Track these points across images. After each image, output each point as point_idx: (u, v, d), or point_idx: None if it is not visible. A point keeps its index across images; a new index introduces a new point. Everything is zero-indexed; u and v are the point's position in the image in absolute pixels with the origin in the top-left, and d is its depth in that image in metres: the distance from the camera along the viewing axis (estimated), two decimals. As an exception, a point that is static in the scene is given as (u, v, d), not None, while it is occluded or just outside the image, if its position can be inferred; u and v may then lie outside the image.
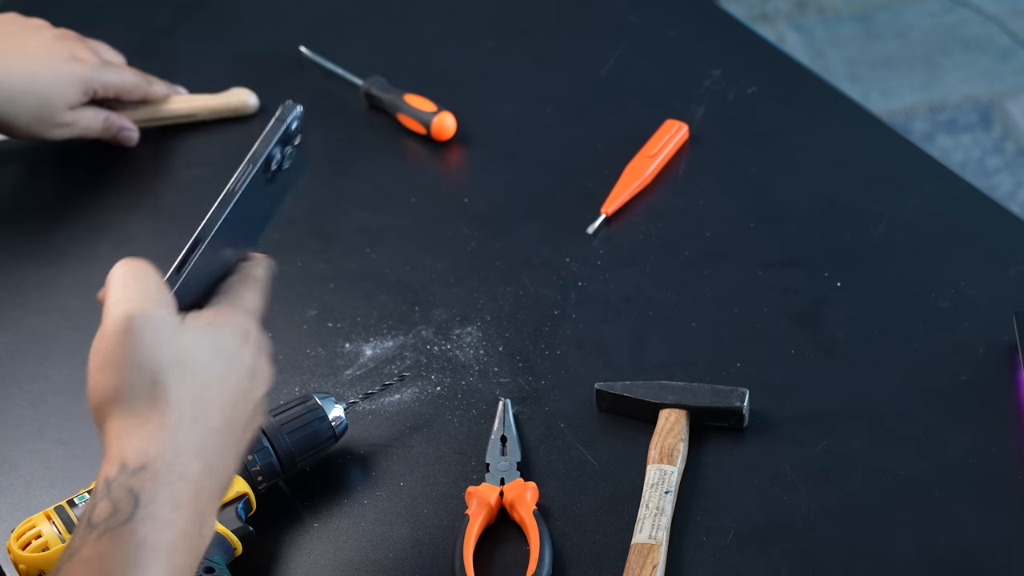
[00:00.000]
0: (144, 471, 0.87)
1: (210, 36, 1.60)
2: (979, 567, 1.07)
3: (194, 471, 0.88)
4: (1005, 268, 1.29)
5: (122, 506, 0.86)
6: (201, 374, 0.90)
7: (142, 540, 0.85)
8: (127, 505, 0.86)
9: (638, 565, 1.06)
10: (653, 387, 1.17)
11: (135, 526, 0.85)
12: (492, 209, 1.38)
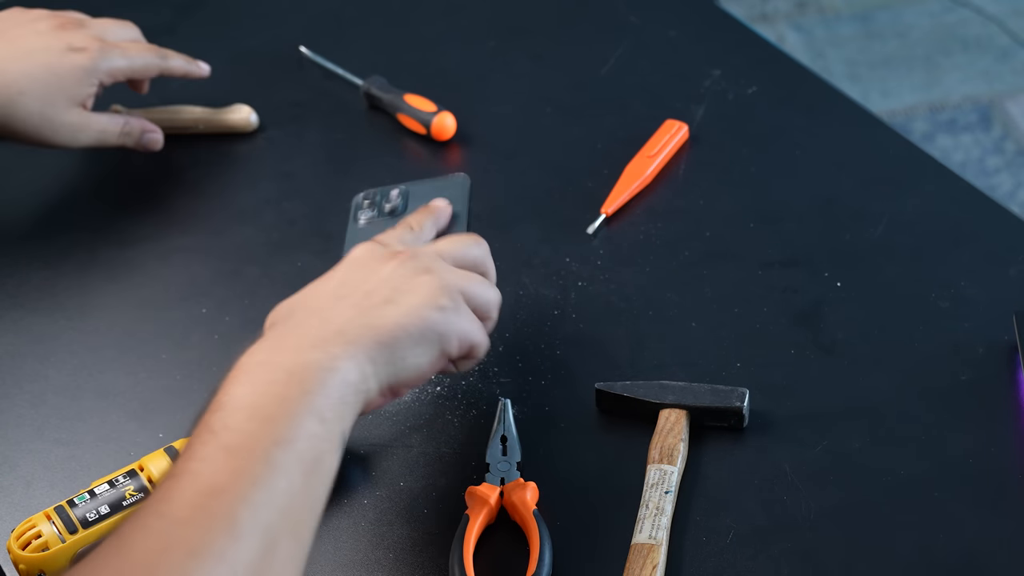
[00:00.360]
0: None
1: (210, 36, 1.60)
2: (979, 567, 1.07)
3: (279, 330, 1.02)
4: (1005, 268, 1.29)
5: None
6: (306, 291, 1.06)
7: (230, 376, 0.97)
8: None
9: (638, 565, 1.06)
10: (653, 387, 1.17)
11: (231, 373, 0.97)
12: (492, 209, 1.38)
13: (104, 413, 1.20)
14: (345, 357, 0.98)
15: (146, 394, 1.22)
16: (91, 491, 1.07)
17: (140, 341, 1.26)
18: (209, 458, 0.90)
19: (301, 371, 0.96)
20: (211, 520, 0.87)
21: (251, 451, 0.91)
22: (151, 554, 0.85)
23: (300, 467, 0.92)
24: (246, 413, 0.93)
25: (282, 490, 0.90)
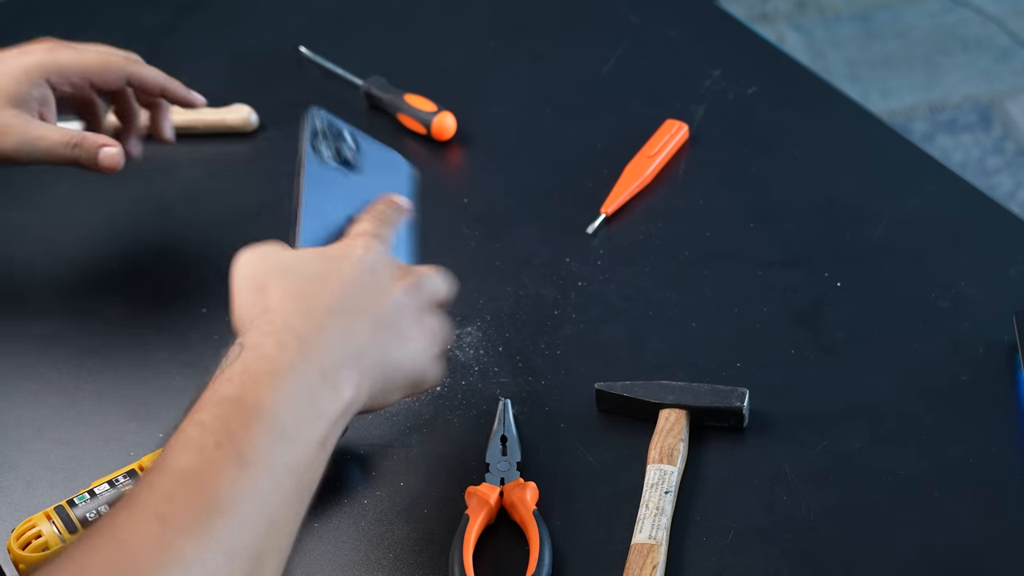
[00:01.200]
0: (248, 332, 0.99)
1: (210, 36, 1.60)
2: (979, 567, 1.07)
3: (297, 324, 0.99)
4: (1005, 268, 1.29)
5: (232, 353, 0.98)
6: (302, 275, 1.03)
7: (246, 366, 0.96)
8: (235, 352, 0.98)
9: (638, 565, 1.06)
10: (653, 387, 1.17)
11: (242, 359, 0.97)
12: (492, 209, 1.38)
13: (104, 413, 1.20)
14: (355, 385, 1.00)
15: (146, 394, 1.22)
16: (91, 491, 1.07)
17: (140, 341, 1.26)
18: (221, 464, 0.91)
19: (321, 393, 0.97)
20: (209, 538, 0.88)
21: (261, 468, 0.92)
22: (146, 548, 0.86)
23: (297, 492, 0.94)
24: (268, 427, 0.93)
25: (278, 509, 0.92)
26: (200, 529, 0.87)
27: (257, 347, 0.98)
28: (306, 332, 0.99)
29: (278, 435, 0.93)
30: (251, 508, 0.90)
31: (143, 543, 0.86)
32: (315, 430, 0.96)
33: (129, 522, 0.87)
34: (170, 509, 0.87)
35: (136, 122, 1.33)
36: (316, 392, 0.97)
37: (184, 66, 1.55)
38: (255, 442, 0.92)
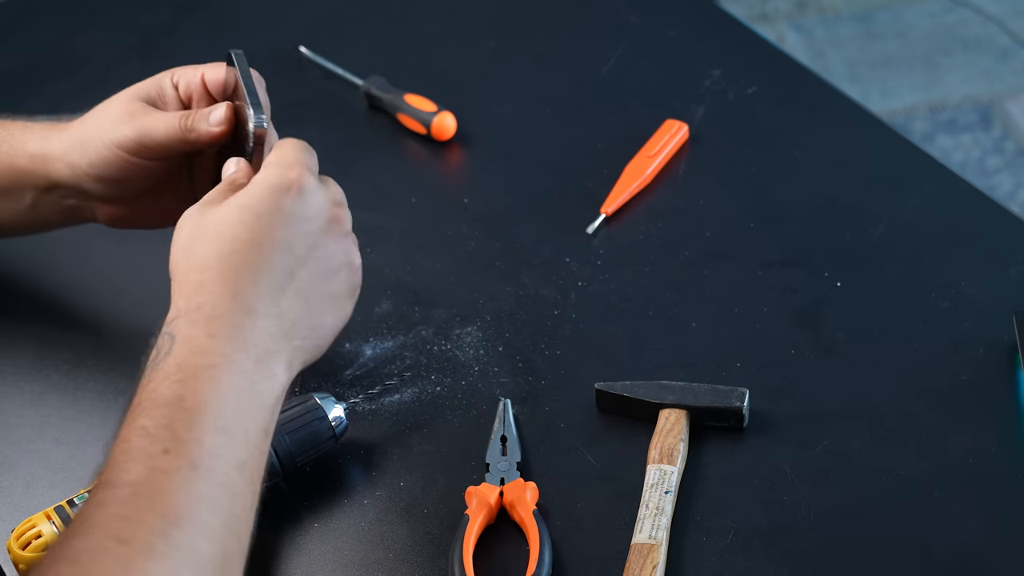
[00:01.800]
0: (177, 319, 0.96)
1: (210, 36, 1.60)
2: (979, 567, 1.07)
3: (227, 308, 0.96)
4: (1005, 268, 1.29)
5: (162, 346, 0.95)
6: (230, 239, 0.98)
7: (181, 363, 0.93)
8: (166, 344, 0.95)
9: (638, 565, 1.06)
10: (653, 387, 1.17)
11: (174, 355, 0.94)
12: (492, 209, 1.38)
13: (104, 413, 1.20)
14: (288, 364, 0.98)
15: (146, 394, 1.21)
16: (91, 491, 1.07)
17: (140, 341, 1.26)
18: (173, 473, 0.88)
19: (259, 382, 0.96)
20: (175, 553, 0.86)
21: (213, 470, 0.90)
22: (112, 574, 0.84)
23: (250, 485, 0.93)
24: (214, 426, 0.91)
25: (234, 510, 0.91)
26: (163, 546, 0.85)
27: (189, 340, 0.95)
28: (236, 318, 0.96)
29: (224, 433, 0.91)
30: (209, 514, 0.88)
31: (107, 568, 0.84)
32: (258, 420, 0.94)
33: (88, 548, 0.84)
34: (128, 529, 0.85)
35: None
36: (254, 381, 0.95)
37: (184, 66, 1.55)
38: (204, 444, 0.90)
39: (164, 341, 0.95)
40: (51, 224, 1.22)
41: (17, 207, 1.19)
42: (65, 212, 1.19)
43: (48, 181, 1.17)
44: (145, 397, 0.92)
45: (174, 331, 0.96)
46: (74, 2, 1.65)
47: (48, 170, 1.16)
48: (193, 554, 0.86)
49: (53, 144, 1.16)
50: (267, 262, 0.98)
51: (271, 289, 0.98)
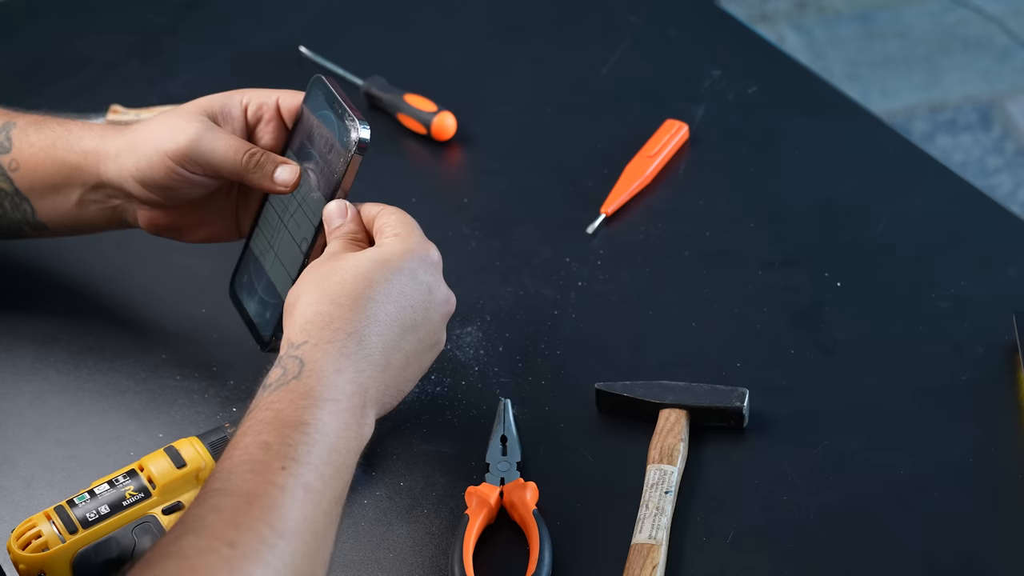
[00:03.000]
0: (306, 344, 1.01)
1: (210, 36, 1.60)
2: (979, 567, 1.07)
3: (354, 350, 1.02)
4: (1005, 268, 1.29)
5: (290, 368, 1.00)
6: (363, 281, 1.04)
7: (309, 389, 0.99)
8: (294, 367, 1.00)
9: (638, 565, 1.06)
10: (653, 387, 1.17)
11: (303, 380, 0.99)
12: (492, 209, 1.38)
13: (104, 413, 1.20)
14: (376, 416, 1.04)
15: (146, 394, 1.22)
16: (91, 491, 1.07)
17: (140, 341, 1.26)
18: (289, 491, 0.93)
19: (362, 425, 1.02)
20: (277, 562, 0.91)
21: (322, 495, 0.95)
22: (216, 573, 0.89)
23: (339, 517, 0.98)
24: (330, 455, 0.97)
25: (329, 536, 0.96)
26: (268, 555, 0.90)
27: (318, 371, 1.00)
28: (359, 362, 1.02)
29: (335, 465, 0.97)
30: (311, 535, 0.93)
31: (213, 568, 0.88)
32: (355, 460, 1.00)
33: (198, 546, 0.89)
34: (239, 535, 0.90)
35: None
36: (361, 424, 1.01)
37: (184, 66, 1.56)
38: (319, 471, 0.95)
39: (293, 364, 1.01)
40: (94, 224, 1.22)
41: (64, 204, 1.20)
42: (108, 213, 1.20)
43: (96, 179, 1.18)
44: (271, 414, 0.98)
45: (303, 356, 1.01)
46: (74, 2, 1.65)
47: (98, 168, 1.17)
48: (292, 569, 0.91)
49: (108, 144, 1.17)
50: (392, 318, 1.04)
51: (390, 344, 1.04)
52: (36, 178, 1.19)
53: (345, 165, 1.11)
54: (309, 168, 1.14)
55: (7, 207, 1.21)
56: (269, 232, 1.18)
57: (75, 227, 1.23)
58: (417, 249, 1.07)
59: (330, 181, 1.12)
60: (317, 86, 1.16)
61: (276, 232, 1.17)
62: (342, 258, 1.06)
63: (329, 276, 1.05)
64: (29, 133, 1.20)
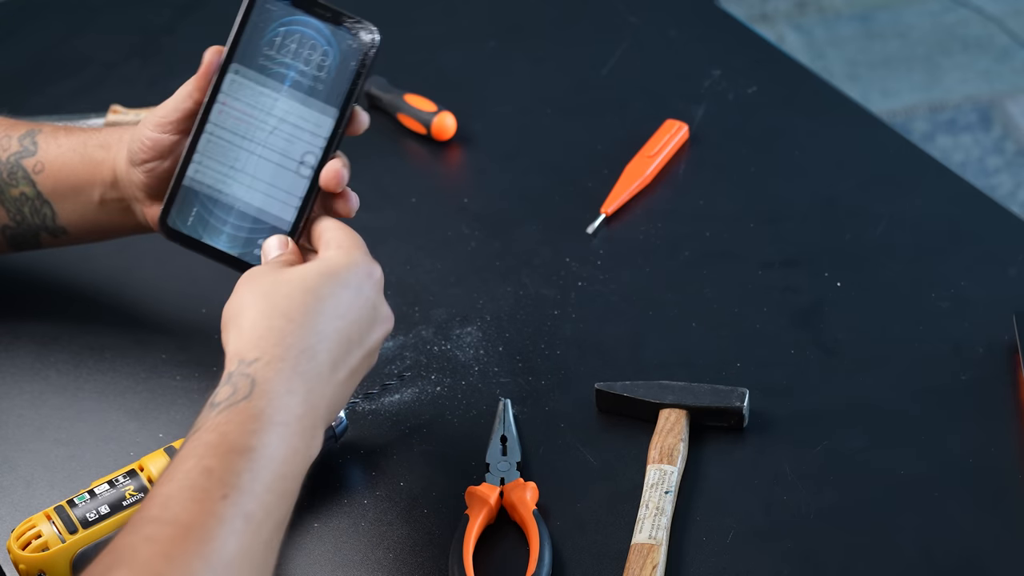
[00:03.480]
0: (258, 361, 0.98)
1: (210, 36, 1.60)
2: (979, 567, 1.07)
3: (306, 368, 0.98)
4: (1005, 268, 1.29)
5: (240, 387, 0.96)
6: (313, 295, 1.01)
7: (259, 412, 0.95)
8: (245, 386, 0.96)
9: (638, 565, 1.06)
10: (653, 387, 1.17)
11: (253, 401, 0.95)
12: (492, 209, 1.38)
13: (104, 413, 1.20)
14: (323, 432, 1.00)
15: (146, 394, 1.22)
16: (91, 491, 1.07)
17: (140, 341, 1.26)
18: (227, 522, 0.90)
19: (310, 447, 0.98)
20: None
21: (262, 526, 0.91)
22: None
23: (278, 544, 0.94)
24: (275, 484, 0.93)
25: (267, 566, 0.92)
26: None
27: (269, 391, 0.96)
28: (311, 381, 0.98)
29: (279, 492, 0.93)
30: (248, 566, 0.90)
31: None
32: (300, 483, 0.96)
33: None
34: (170, 568, 0.86)
35: None
36: (309, 446, 0.97)
37: (184, 66, 1.55)
38: (262, 500, 0.92)
39: (244, 383, 0.97)
40: (113, 227, 1.21)
41: (87, 205, 1.20)
42: (124, 214, 1.19)
43: (112, 174, 1.17)
44: (217, 436, 0.94)
45: (255, 375, 0.97)
46: (74, 2, 1.65)
47: (114, 162, 1.17)
48: None
49: (124, 133, 1.17)
50: (341, 333, 1.01)
51: (338, 360, 1.01)
52: (60, 178, 1.19)
53: (357, 71, 1.07)
54: (284, 81, 1.09)
55: (26, 212, 1.21)
56: (221, 158, 1.11)
57: (95, 230, 1.22)
58: (362, 263, 1.04)
59: (338, 91, 1.08)
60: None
61: (235, 157, 1.10)
62: (285, 271, 1.03)
63: (276, 288, 1.01)
64: (58, 136, 1.20)
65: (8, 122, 1.23)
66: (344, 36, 1.08)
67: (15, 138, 1.21)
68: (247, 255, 1.11)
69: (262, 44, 1.10)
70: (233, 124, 1.10)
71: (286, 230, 1.10)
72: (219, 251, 1.12)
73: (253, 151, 1.10)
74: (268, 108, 1.10)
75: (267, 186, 1.10)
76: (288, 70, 1.09)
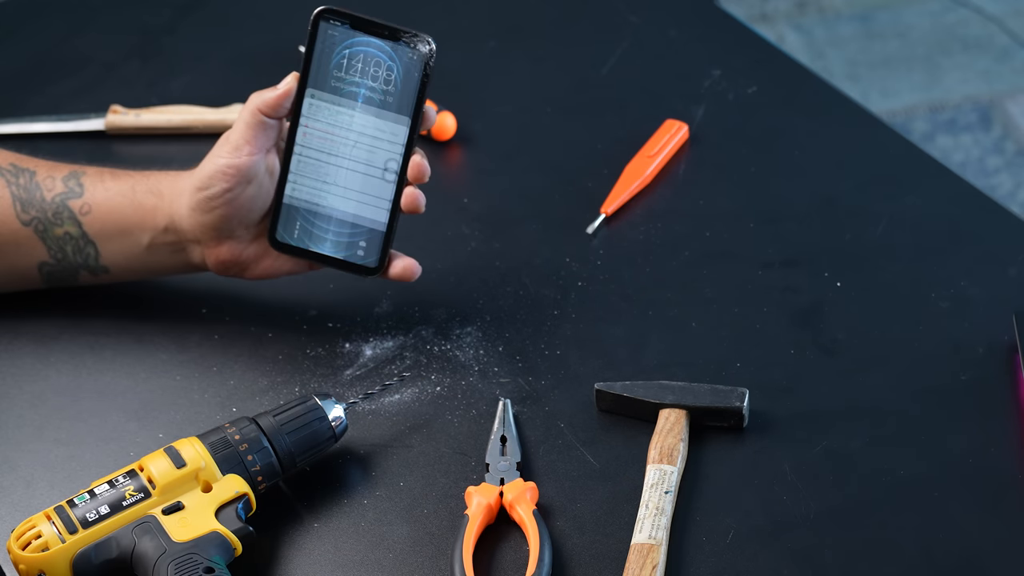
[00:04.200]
0: None
1: (210, 36, 1.60)
2: (979, 567, 1.07)
3: None
4: (1005, 268, 1.29)
5: None
6: None
7: None
8: None
9: (638, 565, 1.06)
10: (653, 387, 1.17)
11: None
12: (492, 209, 1.38)
13: (104, 413, 1.20)
14: None
15: (146, 394, 1.22)
16: (91, 491, 1.07)
17: (140, 341, 1.26)
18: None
19: None
20: None
21: None
22: None
23: None
24: None
25: None
26: None
27: None
28: None
29: None
30: None
31: None
32: None
33: None
34: None
35: None
36: None
37: (184, 66, 1.56)
38: None
39: None
40: (161, 268, 1.25)
41: (134, 248, 1.23)
42: (177, 257, 1.23)
43: (168, 218, 1.21)
44: None
45: None
46: (74, 2, 1.65)
47: (170, 208, 1.21)
48: None
49: (181, 181, 1.22)
50: None
51: None
52: (108, 221, 1.22)
53: (422, 79, 1.19)
54: (357, 99, 1.19)
55: (68, 251, 1.23)
56: (313, 175, 1.21)
57: (140, 271, 1.25)
58: None
59: (407, 100, 1.19)
60: (328, 17, 1.19)
61: (325, 172, 1.20)
62: None
63: None
64: (104, 178, 1.24)
65: (49, 164, 1.26)
66: (404, 50, 1.19)
67: (59, 179, 1.24)
68: (352, 256, 1.22)
69: (331, 67, 1.19)
70: (318, 143, 1.21)
71: (382, 230, 1.21)
72: (327, 256, 1.22)
73: (341, 165, 1.20)
74: (347, 125, 1.20)
75: (358, 194, 1.21)
76: (359, 88, 1.19)
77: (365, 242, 1.21)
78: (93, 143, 1.44)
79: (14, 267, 1.24)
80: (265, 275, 1.24)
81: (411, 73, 1.19)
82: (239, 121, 1.20)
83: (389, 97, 1.19)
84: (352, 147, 1.20)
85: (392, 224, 1.21)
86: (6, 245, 1.23)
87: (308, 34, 1.19)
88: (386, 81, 1.19)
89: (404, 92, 1.19)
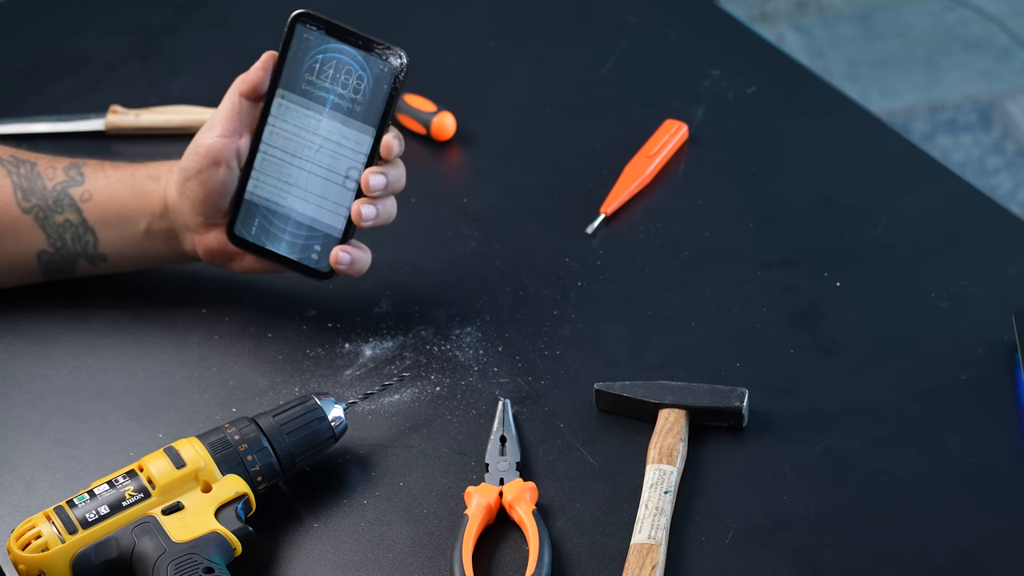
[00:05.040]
0: None
1: (210, 36, 1.60)
2: (979, 567, 1.07)
3: None
4: (1005, 268, 1.29)
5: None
6: None
7: None
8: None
9: (638, 565, 1.06)
10: (653, 387, 1.17)
11: None
12: (492, 209, 1.38)
13: (104, 413, 1.20)
14: None
15: (146, 394, 1.22)
16: (91, 491, 1.07)
17: (140, 341, 1.26)
18: None
19: None
20: None
21: None
22: None
23: None
24: None
25: None
26: None
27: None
28: None
29: None
30: None
31: None
32: None
33: None
34: None
35: None
36: None
37: (184, 66, 1.56)
38: None
39: None
40: (156, 256, 1.26)
41: (132, 234, 1.24)
42: (171, 244, 1.25)
43: (163, 204, 1.23)
44: None
45: None
46: (74, 2, 1.65)
47: (165, 190, 1.23)
48: None
49: (175, 165, 1.23)
50: None
51: None
52: (109, 207, 1.23)
53: (390, 92, 1.20)
54: (326, 104, 1.20)
55: (68, 239, 1.24)
56: (276, 174, 1.22)
57: (137, 259, 1.26)
58: None
59: (374, 111, 1.20)
60: (305, 21, 1.21)
61: (287, 173, 1.21)
62: None
63: None
64: (105, 168, 1.25)
65: (49, 156, 1.27)
66: (376, 61, 1.20)
67: (60, 169, 1.25)
68: (306, 259, 1.22)
69: (303, 70, 1.21)
70: (283, 143, 1.22)
71: (337, 236, 1.21)
72: (282, 256, 1.23)
73: (303, 168, 1.21)
74: (313, 128, 1.21)
75: (318, 198, 1.22)
76: (328, 94, 1.20)
77: (320, 246, 1.22)
78: (93, 143, 1.44)
79: (12, 256, 1.24)
80: (251, 269, 1.24)
81: (380, 84, 1.20)
82: (221, 104, 1.22)
83: (357, 106, 1.20)
84: (316, 151, 1.21)
85: (348, 231, 1.21)
86: (6, 233, 1.23)
87: (284, 35, 1.20)
88: (355, 90, 1.20)
89: (372, 102, 1.20)
